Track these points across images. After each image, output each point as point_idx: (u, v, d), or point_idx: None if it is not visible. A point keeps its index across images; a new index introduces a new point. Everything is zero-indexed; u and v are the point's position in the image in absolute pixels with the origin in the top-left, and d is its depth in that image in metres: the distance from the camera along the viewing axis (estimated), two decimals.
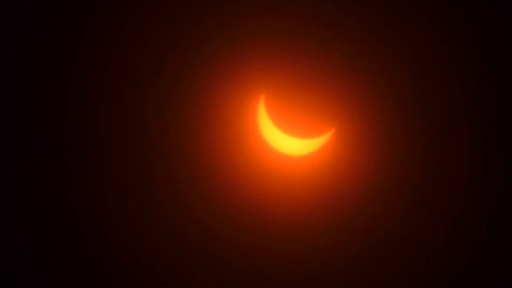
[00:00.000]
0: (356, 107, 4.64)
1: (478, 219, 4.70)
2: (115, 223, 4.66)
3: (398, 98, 4.65)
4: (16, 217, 4.62)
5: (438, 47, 4.61)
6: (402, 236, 4.71)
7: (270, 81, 4.60)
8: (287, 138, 4.63)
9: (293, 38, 4.59)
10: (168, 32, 4.60)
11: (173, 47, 4.61)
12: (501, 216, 4.68)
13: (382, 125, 4.67)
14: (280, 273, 4.74)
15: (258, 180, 4.70)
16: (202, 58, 4.60)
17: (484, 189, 4.68)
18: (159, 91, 4.63)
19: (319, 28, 4.58)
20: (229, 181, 4.68)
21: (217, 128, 4.64)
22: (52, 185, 4.62)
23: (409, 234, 4.71)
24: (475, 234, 4.71)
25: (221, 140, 4.65)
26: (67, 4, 4.59)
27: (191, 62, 4.61)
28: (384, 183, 4.69)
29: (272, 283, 4.74)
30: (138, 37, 4.61)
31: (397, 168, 4.69)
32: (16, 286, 4.60)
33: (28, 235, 4.63)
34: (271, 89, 4.60)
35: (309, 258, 4.73)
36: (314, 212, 4.71)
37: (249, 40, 4.58)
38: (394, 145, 4.68)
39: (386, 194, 4.70)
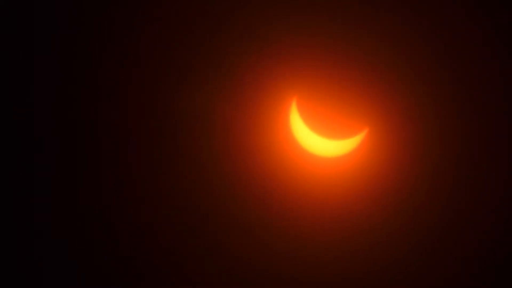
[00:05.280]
0: (390, 106, 4.61)
1: None
2: (147, 223, 4.67)
3: (433, 95, 4.61)
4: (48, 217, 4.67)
5: (477, 44, 4.58)
6: (440, 240, 4.68)
7: (302, 81, 4.58)
8: (320, 140, 4.59)
9: (324, 38, 4.57)
10: (199, 34, 4.59)
11: (203, 49, 4.59)
12: None
13: (417, 124, 4.63)
14: (311, 278, 4.72)
15: (291, 183, 4.67)
16: (233, 59, 4.58)
17: None
18: (190, 93, 4.61)
19: (351, 27, 4.56)
20: (262, 183, 4.66)
21: (249, 130, 4.62)
22: (78, 182, 4.65)
23: (448, 238, 4.68)
24: None
25: (253, 143, 4.63)
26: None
27: (221, 64, 4.59)
28: (420, 185, 4.65)
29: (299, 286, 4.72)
30: (167, 39, 4.60)
31: (434, 169, 4.66)
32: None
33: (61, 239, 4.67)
34: (303, 89, 4.57)
35: (342, 263, 4.71)
36: (348, 214, 4.68)
37: (280, 41, 4.56)
38: (431, 145, 4.64)
39: (423, 197, 4.66)
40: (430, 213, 4.67)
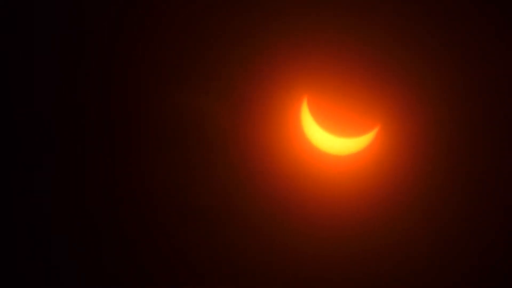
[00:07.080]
0: (401, 103, 4.57)
1: None
2: (160, 226, 4.69)
3: (445, 93, 4.55)
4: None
5: (491, 43, 4.51)
6: (453, 238, 4.63)
7: (313, 79, 4.55)
8: (331, 138, 4.56)
9: (335, 36, 4.54)
10: (209, 31, 4.59)
11: (215, 47, 4.59)
12: None
13: (428, 122, 4.58)
14: (322, 276, 4.72)
15: (303, 181, 4.66)
16: (244, 58, 4.57)
17: None
18: (200, 91, 4.62)
19: (363, 24, 4.52)
20: (274, 182, 4.65)
21: (261, 129, 4.62)
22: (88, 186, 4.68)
23: (461, 237, 4.63)
24: None
25: (264, 141, 4.63)
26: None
27: (233, 62, 4.59)
28: (431, 183, 4.61)
29: (312, 285, 4.71)
30: (177, 38, 4.61)
31: (446, 167, 4.60)
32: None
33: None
34: (314, 87, 4.54)
35: (352, 261, 4.70)
36: (359, 212, 4.66)
37: (291, 38, 4.55)
38: (442, 142, 4.59)
39: (434, 195, 4.61)
40: (442, 211, 4.62)
